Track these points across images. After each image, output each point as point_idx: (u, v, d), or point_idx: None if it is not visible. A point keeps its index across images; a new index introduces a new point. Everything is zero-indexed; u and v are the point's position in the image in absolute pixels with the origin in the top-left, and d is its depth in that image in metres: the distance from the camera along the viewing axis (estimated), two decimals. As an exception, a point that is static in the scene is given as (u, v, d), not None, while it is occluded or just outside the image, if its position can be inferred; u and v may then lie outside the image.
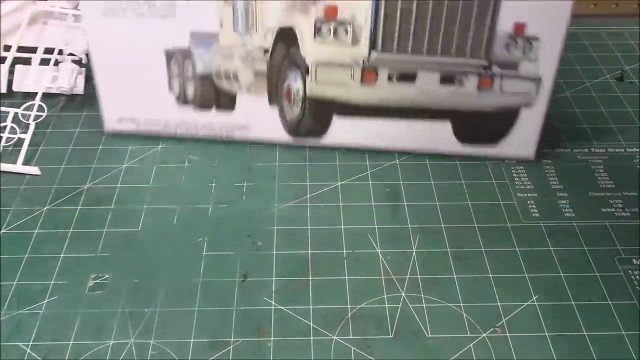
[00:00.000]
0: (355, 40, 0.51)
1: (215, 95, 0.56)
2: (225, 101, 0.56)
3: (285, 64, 0.53)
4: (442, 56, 0.52)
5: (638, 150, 0.57)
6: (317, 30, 0.51)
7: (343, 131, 0.56)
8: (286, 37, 0.52)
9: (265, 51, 0.53)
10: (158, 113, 0.57)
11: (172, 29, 0.52)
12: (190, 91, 0.56)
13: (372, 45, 0.51)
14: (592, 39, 0.72)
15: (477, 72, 0.52)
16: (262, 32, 0.53)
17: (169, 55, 0.54)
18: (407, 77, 0.52)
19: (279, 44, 0.53)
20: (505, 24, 0.50)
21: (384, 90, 0.52)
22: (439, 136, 0.55)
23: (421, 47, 0.51)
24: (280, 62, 0.53)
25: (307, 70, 0.52)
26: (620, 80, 0.66)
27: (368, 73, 0.52)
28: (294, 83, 0.53)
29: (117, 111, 0.57)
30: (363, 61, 0.52)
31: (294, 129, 0.56)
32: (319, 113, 0.55)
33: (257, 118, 0.56)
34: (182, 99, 0.56)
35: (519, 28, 0.50)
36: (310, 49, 0.52)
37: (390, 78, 0.52)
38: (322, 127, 0.56)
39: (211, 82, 0.55)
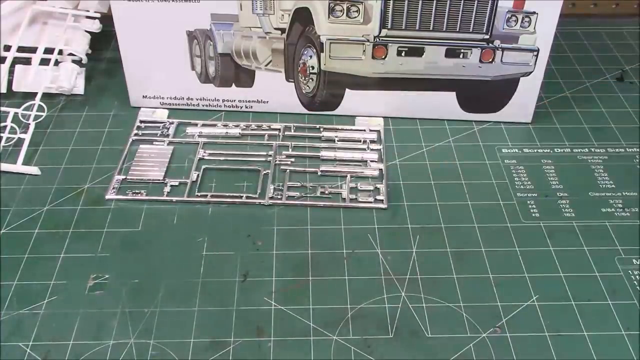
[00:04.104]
0: (366, 19, 0.55)
1: (235, 73, 0.59)
2: (244, 78, 0.59)
3: (301, 42, 0.57)
4: (448, 32, 0.55)
5: (638, 150, 0.57)
6: (331, 10, 0.54)
7: (355, 103, 0.60)
8: (302, 17, 0.56)
9: (282, 31, 0.56)
10: (181, 90, 0.60)
11: (194, 11, 0.55)
12: (212, 69, 0.59)
13: (383, 23, 0.55)
14: (592, 39, 0.72)
15: (480, 45, 0.55)
16: (279, 13, 0.56)
17: (191, 36, 0.57)
18: (415, 51, 0.56)
19: (295, 24, 0.56)
20: (505, 0, 0.54)
21: (393, 65, 0.56)
22: (444, 105, 0.59)
23: (428, 24, 0.55)
24: (297, 41, 0.57)
25: (321, 48, 0.56)
26: (620, 80, 0.66)
27: (378, 49, 0.56)
28: (309, 60, 0.57)
29: (141, 88, 0.60)
30: (374, 38, 0.55)
31: (309, 102, 0.60)
32: (332, 87, 0.58)
33: (275, 93, 0.60)
34: (204, 77, 0.60)
35: (519, 4, 0.54)
36: (324, 27, 0.55)
37: (399, 53, 0.56)
38: (335, 99, 0.59)
39: (231, 61, 0.59)
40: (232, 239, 0.49)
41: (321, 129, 0.59)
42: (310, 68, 0.58)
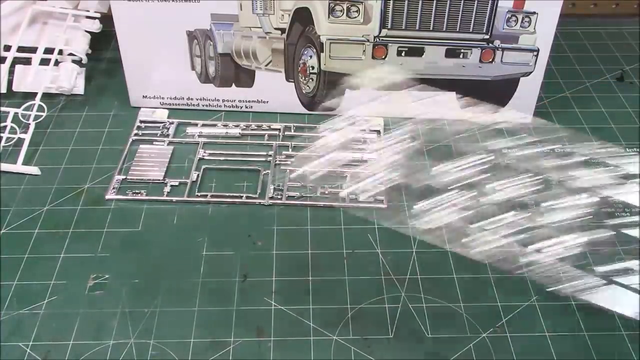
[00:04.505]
0: (366, 19, 0.55)
1: (235, 73, 0.59)
2: (244, 78, 0.60)
3: (301, 42, 0.57)
4: (448, 32, 0.55)
5: (638, 150, 0.57)
6: (331, 10, 0.54)
7: (354, 104, 0.60)
8: (302, 17, 0.56)
9: (282, 31, 0.56)
10: (181, 90, 0.60)
11: (194, 11, 0.55)
12: (212, 70, 0.59)
13: (383, 23, 0.55)
14: (592, 39, 0.72)
15: (480, 45, 0.56)
16: (279, 13, 0.56)
17: (191, 36, 0.57)
18: (415, 51, 0.56)
19: (295, 24, 0.56)
20: (505, 0, 0.54)
21: (394, 65, 0.56)
22: (444, 105, 0.59)
23: (428, 24, 0.55)
24: (297, 41, 0.57)
25: (321, 48, 0.56)
26: (620, 80, 0.66)
27: (378, 49, 0.56)
28: (309, 60, 0.57)
29: (141, 88, 0.60)
30: (374, 38, 0.55)
31: (309, 102, 0.59)
32: (332, 87, 0.58)
33: (275, 93, 0.60)
34: (204, 77, 0.60)
35: (519, 4, 0.54)
36: (324, 27, 0.55)
37: (399, 53, 0.56)
38: (335, 99, 0.60)
39: (231, 61, 0.59)
40: (232, 239, 0.49)
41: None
42: (310, 68, 0.58)
